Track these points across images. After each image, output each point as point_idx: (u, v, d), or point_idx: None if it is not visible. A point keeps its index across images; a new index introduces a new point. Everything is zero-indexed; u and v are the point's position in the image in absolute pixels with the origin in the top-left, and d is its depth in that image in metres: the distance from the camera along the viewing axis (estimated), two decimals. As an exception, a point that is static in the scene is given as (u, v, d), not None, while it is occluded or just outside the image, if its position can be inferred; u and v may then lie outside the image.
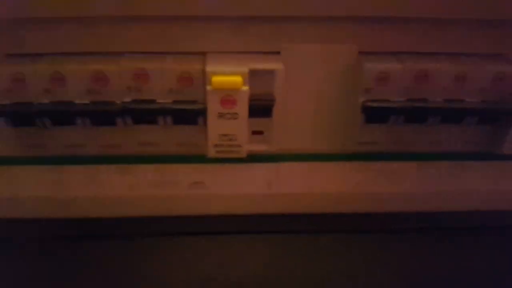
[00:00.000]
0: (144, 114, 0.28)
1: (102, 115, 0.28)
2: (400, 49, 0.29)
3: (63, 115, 0.28)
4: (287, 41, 0.28)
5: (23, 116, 0.28)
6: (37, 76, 0.27)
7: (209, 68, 0.27)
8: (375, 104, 0.28)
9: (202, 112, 0.28)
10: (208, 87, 0.27)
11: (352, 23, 0.28)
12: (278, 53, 0.28)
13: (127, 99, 0.28)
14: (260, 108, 0.28)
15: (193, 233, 0.35)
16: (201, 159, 0.32)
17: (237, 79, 0.26)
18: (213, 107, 0.27)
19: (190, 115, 0.28)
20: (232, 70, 0.27)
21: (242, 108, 0.27)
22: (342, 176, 0.33)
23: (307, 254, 0.36)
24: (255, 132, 0.30)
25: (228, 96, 0.27)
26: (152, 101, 0.28)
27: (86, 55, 0.27)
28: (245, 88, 0.27)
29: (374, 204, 0.35)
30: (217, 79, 0.26)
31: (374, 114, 0.29)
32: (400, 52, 0.29)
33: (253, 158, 0.32)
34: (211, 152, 0.29)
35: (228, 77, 0.26)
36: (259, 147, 0.30)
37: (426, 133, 0.31)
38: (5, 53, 0.28)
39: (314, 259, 0.36)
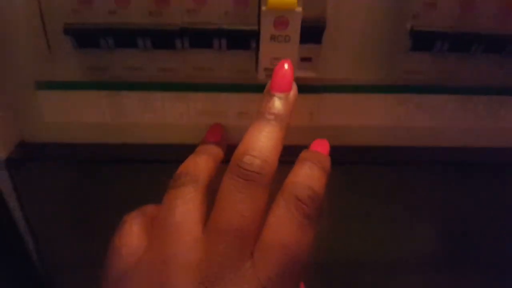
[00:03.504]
0: (201, 35, 0.30)
1: (162, 35, 0.30)
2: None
3: (126, 34, 0.30)
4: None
5: (89, 35, 0.30)
6: (103, -3, 0.29)
7: (265, -11, 0.28)
8: (423, 29, 0.29)
9: (255, 34, 0.29)
10: (263, 8, 0.28)
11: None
12: (329, -22, 0.30)
13: (186, 21, 0.30)
14: (311, 31, 0.30)
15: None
16: (249, 88, 0.34)
17: (292, 0, 0.28)
18: (266, 28, 0.29)
19: (244, 38, 0.30)
20: (287, -9, 0.28)
21: (295, 30, 0.29)
22: (383, 109, 0.35)
23: (344, 184, 0.38)
24: (303, 59, 0.31)
25: (281, 18, 0.28)
26: (209, 23, 0.30)
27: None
28: (299, 9, 0.28)
29: (413, 138, 0.36)
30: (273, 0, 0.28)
31: (421, 40, 0.30)
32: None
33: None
34: (262, 76, 0.31)
35: (283, -3, 0.28)
36: (307, 74, 0.32)
37: (469, 64, 0.32)
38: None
39: (350, 190, 0.38)
